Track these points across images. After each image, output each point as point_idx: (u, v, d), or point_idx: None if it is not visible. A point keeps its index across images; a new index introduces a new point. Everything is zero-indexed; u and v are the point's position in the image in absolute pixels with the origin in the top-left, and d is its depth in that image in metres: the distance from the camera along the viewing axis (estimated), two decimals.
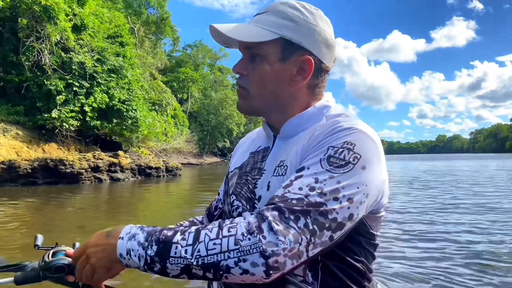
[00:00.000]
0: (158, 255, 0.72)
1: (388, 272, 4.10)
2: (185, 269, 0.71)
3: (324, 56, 0.91)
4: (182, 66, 52.98)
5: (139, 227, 0.77)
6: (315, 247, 0.72)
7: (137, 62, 26.69)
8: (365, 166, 0.77)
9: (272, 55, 0.88)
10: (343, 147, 0.78)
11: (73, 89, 18.70)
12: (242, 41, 0.90)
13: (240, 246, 0.68)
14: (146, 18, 42.77)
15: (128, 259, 0.74)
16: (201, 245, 0.70)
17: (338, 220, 0.73)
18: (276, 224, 0.69)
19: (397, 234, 5.85)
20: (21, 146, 16.68)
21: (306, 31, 0.88)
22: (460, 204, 9.12)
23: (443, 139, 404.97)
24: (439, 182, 16.17)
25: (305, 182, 0.75)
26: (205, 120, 52.23)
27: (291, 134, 0.94)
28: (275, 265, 0.68)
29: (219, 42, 0.96)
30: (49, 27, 17.10)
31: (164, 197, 12.45)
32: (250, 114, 0.99)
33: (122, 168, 17.85)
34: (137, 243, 0.73)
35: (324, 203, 0.72)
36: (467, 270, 4.17)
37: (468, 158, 70.19)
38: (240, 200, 0.96)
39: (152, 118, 25.80)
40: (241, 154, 1.10)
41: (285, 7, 0.89)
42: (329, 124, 0.86)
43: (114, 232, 0.77)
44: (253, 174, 0.96)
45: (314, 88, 0.94)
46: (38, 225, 7.03)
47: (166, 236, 0.73)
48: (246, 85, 0.93)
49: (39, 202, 10.38)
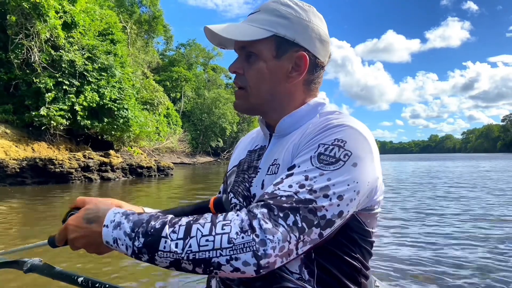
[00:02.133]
0: (146, 247, 0.71)
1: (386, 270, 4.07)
2: (174, 262, 0.71)
3: (318, 52, 0.92)
4: (175, 65, 52.64)
5: (123, 215, 0.76)
6: (305, 244, 0.72)
7: (129, 61, 26.45)
8: (356, 163, 0.77)
9: (267, 53, 0.90)
10: (333, 144, 0.78)
11: (63, 87, 18.41)
12: (237, 41, 0.92)
13: (233, 245, 0.68)
14: (138, 17, 42.47)
15: (116, 247, 0.74)
16: (193, 241, 0.70)
17: (327, 217, 0.73)
18: (265, 221, 0.69)
19: (396, 234, 5.80)
20: (10, 145, 16.37)
21: (299, 27, 0.89)
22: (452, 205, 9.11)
23: (435, 139, 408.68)
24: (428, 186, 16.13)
25: (295, 180, 0.75)
26: (198, 119, 52.11)
27: (286, 132, 0.94)
28: (265, 265, 0.68)
29: (214, 43, 0.97)
30: (39, 24, 16.82)
31: (155, 197, 12.29)
32: (248, 113, 1.00)
33: (113, 168, 17.67)
34: (123, 233, 0.73)
35: (314, 200, 0.72)
36: (464, 270, 4.12)
37: (460, 158, 70.62)
38: (237, 198, 0.97)
39: (144, 117, 25.57)
40: (239, 152, 1.11)
41: (277, 5, 0.91)
42: (321, 122, 0.86)
43: (95, 217, 0.76)
44: (249, 172, 0.97)
45: (310, 84, 0.95)
46: (25, 224, 6.86)
47: (154, 229, 0.72)
48: (243, 84, 0.94)
49: (27, 202, 10.18)
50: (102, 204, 0.80)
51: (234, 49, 0.96)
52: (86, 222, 0.77)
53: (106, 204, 0.81)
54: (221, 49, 1.01)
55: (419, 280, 3.85)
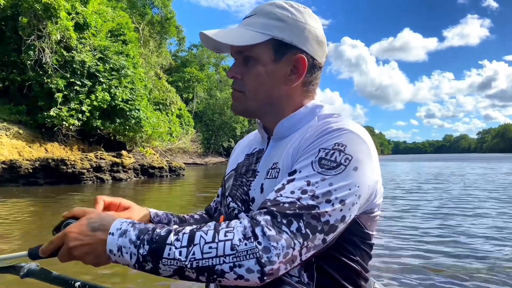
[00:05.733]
0: (150, 255, 0.70)
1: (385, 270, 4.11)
2: (178, 270, 0.70)
3: (316, 53, 0.91)
4: (188, 66, 52.99)
5: (130, 223, 0.74)
6: (308, 250, 0.71)
7: (141, 61, 26.55)
8: (357, 167, 0.76)
9: (265, 57, 0.89)
10: (334, 148, 0.78)
11: (75, 88, 18.54)
12: (234, 46, 0.90)
13: (237, 252, 0.67)
14: (150, 18, 42.72)
15: (119, 256, 0.72)
16: (196, 248, 0.69)
17: (330, 223, 0.73)
18: (269, 229, 0.68)
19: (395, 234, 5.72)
20: (23, 145, 16.55)
21: (296, 29, 0.88)
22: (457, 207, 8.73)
23: (450, 139, 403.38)
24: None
25: (297, 185, 0.74)
26: (210, 119, 52.40)
27: (284, 135, 0.94)
28: (269, 272, 0.68)
29: (211, 49, 0.96)
30: (50, 25, 16.95)
31: (165, 197, 12.23)
32: (245, 116, 0.99)
33: (124, 168, 17.73)
34: (129, 241, 0.71)
35: (317, 205, 0.72)
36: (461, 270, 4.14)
37: (476, 159, 69.49)
38: (236, 202, 0.96)
39: (156, 118, 25.66)
40: (237, 156, 1.10)
41: (273, 8, 0.90)
42: (320, 125, 0.85)
43: (100, 226, 0.74)
44: (247, 176, 0.96)
45: (308, 86, 0.94)
46: (36, 224, 6.84)
47: (159, 236, 0.71)
48: (242, 89, 0.93)
49: (38, 202, 10.21)
50: (105, 214, 0.79)
51: (230, 54, 0.95)
52: (91, 230, 0.74)
53: (108, 214, 0.79)
54: (218, 53, 0.99)
55: (419, 280, 3.81)
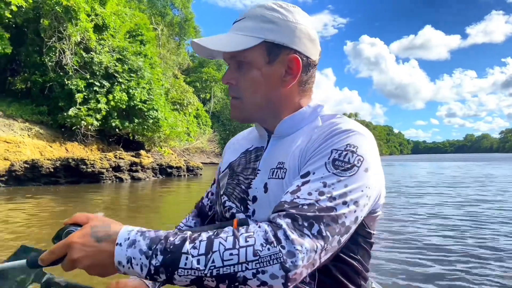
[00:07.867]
0: (164, 266, 0.66)
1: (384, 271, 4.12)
2: (195, 280, 0.66)
3: (309, 51, 0.91)
4: (205, 66, 53.22)
5: (138, 232, 0.70)
6: (327, 253, 0.71)
7: (159, 61, 26.77)
8: (368, 168, 0.77)
9: (258, 60, 0.88)
10: (346, 149, 0.78)
11: (94, 88, 18.83)
12: (225, 52, 0.89)
13: (260, 257, 0.65)
14: (170, 19, 43.12)
15: (128, 268, 0.68)
16: (216, 255, 0.66)
17: (346, 224, 0.72)
18: (291, 232, 0.67)
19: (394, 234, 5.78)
20: (45, 145, 16.88)
21: (287, 30, 0.88)
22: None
23: (471, 139, 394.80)
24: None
25: (313, 187, 0.73)
26: (227, 119, 52.48)
27: (285, 134, 0.93)
28: (293, 277, 0.66)
29: (204, 56, 0.94)
30: (70, 27, 17.23)
31: (183, 196, 12.28)
32: (245, 122, 0.97)
33: (143, 168, 17.91)
34: (139, 251, 0.67)
35: (334, 207, 0.71)
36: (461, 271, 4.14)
37: (502, 159, 67.60)
38: (232, 201, 0.94)
39: (174, 118, 25.84)
40: (230, 154, 1.08)
41: (262, 10, 0.89)
42: (327, 126, 0.85)
43: (105, 235, 0.69)
44: (245, 174, 0.95)
45: (305, 85, 0.94)
46: (56, 222, 6.92)
47: (174, 245, 0.67)
48: (238, 95, 0.92)
49: (61, 200, 10.39)
50: (111, 221, 0.74)
51: (223, 59, 0.94)
52: (96, 241, 0.69)
53: (114, 222, 0.74)
54: (211, 59, 0.95)
55: (418, 281, 3.83)
